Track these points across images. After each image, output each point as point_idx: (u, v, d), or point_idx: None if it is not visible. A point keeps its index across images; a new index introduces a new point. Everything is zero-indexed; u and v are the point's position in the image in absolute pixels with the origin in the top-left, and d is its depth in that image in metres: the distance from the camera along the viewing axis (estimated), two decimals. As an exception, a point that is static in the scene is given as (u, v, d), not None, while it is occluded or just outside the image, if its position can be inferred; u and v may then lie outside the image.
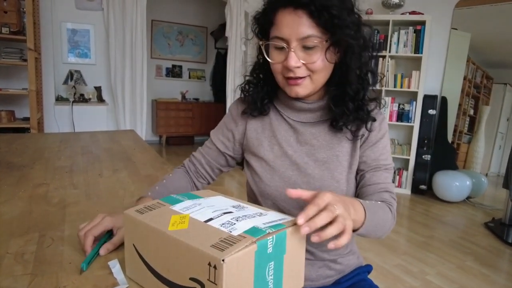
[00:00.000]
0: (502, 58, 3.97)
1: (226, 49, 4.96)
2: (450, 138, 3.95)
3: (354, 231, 0.67)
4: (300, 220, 0.51)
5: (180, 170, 0.99)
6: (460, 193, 3.54)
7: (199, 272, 0.45)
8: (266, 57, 0.80)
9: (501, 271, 2.29)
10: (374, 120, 0.83)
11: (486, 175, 5.62)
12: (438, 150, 3.80)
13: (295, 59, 0.75)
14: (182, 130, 5.97)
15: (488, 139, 5.29)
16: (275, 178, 0.87)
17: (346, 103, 0.80)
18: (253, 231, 0.48)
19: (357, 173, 0.87)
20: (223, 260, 0.42)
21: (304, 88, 0.80)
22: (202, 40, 6.25)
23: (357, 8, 0.78)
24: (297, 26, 0.73)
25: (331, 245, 0.53)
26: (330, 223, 0.53)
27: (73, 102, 3.93)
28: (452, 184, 3.54)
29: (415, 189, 3.81)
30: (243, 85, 0.93)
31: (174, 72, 6.04)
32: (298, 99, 0.85)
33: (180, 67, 6.08)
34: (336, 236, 0.53)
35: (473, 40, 3.75)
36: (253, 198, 0.95)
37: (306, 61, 0.75)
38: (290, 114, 0.89)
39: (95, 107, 4.11)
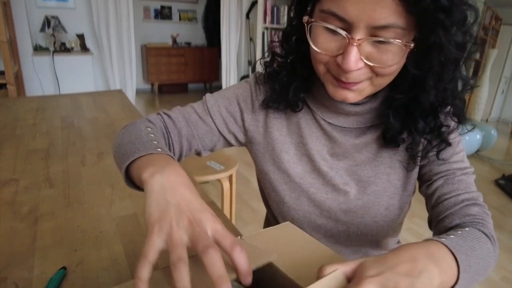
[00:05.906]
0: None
1: (219, -12, 4.48)
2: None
3: None
4: None
5: (158, 129, 0.60)
6: (470, 148, 3.39)
7: None
8: (309, 40, 0.51)
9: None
10: (449, 145, 0.57)
11: (487, 120, 5.50)
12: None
13: (356, 59, 0.46)
14: (175, 77, 5.65)
15: (492, 84, 5.09)
16: (303, 200, 0.65)
17: (415, 119, 0.54)
18: None
19: (420, 187, 0.63)
20: None
21: (357, 94, 0.52)
22: (192, -23, 5.67)
23: None
24: (373, 6, 0.42)
25: None
26: None
27: (53, 52, 3.58)
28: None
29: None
30: (268, 61, 0.64)
31: (163, 14, 5.55)
32: None
33: (170, 8, 5.58)
34: None
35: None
36: (272, 218, 0.75)
37: (373, 63, 0.47)
38: (326, 115, 0.62)
39: (79, 57, 3.76)
